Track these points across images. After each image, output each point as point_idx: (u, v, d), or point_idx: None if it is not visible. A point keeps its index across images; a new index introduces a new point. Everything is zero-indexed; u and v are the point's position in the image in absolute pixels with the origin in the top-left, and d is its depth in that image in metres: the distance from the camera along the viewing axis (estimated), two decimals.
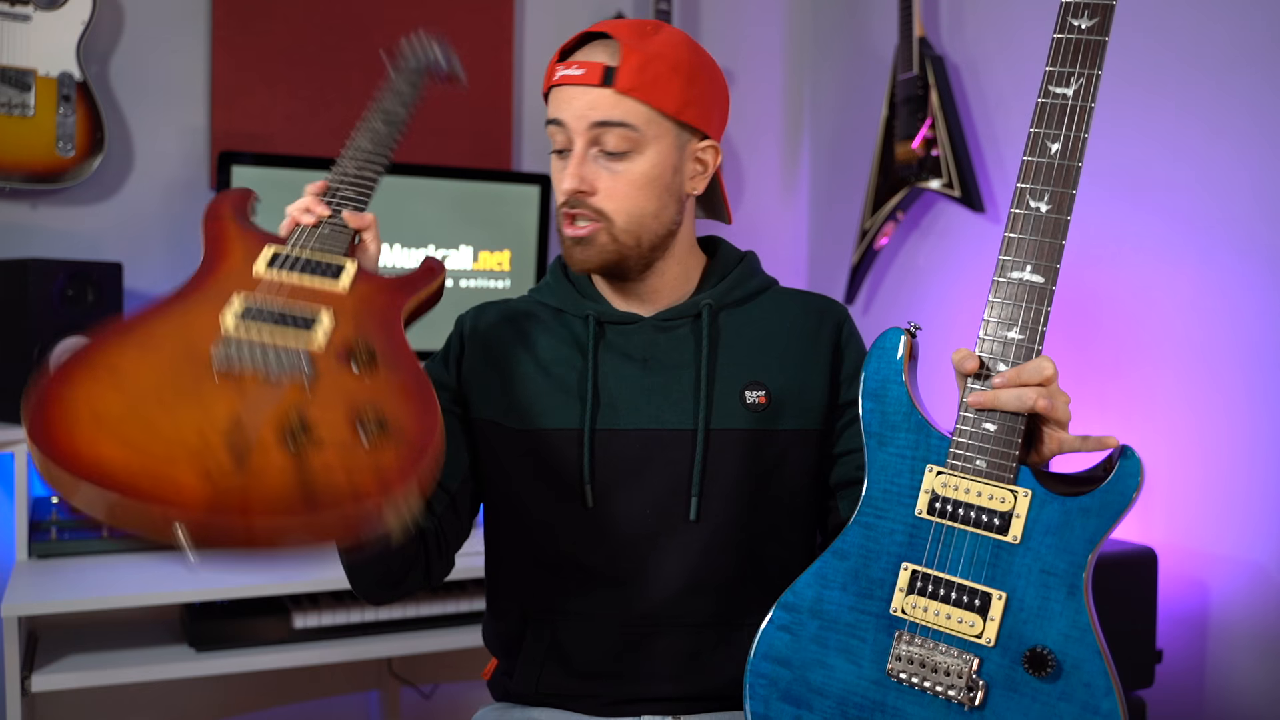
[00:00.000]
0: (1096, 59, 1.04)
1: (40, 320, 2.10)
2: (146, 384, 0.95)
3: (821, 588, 1.11)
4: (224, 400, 0.95)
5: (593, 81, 1.18)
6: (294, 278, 1.13)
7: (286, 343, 1.03)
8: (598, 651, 1.24)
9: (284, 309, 1.07)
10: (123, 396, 0.94)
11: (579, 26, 3.30)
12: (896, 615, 1.07)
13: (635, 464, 1.24)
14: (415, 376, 1.05)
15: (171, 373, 0.97)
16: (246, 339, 1.02)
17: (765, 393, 1.26)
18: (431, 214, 2.56)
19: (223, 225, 1.22)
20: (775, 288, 1.35)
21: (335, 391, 1.00)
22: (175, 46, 2.51)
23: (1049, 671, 0.99)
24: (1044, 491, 1.02)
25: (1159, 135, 2.08)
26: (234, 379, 0.97)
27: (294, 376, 0.99)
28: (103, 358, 0.97)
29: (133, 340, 1.01)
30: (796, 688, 1.10)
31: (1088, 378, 2.19)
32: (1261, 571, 1.90)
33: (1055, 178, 1.04)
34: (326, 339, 1.05)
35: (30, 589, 1.92)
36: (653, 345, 1.27)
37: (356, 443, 0.94)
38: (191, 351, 0.99)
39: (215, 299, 1.07)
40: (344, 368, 1.03)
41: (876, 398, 1.11)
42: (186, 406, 0.94)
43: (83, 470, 0.85)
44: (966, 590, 1.04)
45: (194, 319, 1.04)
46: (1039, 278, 1.05)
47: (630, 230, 1.22)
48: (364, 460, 0.93)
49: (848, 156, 2.98)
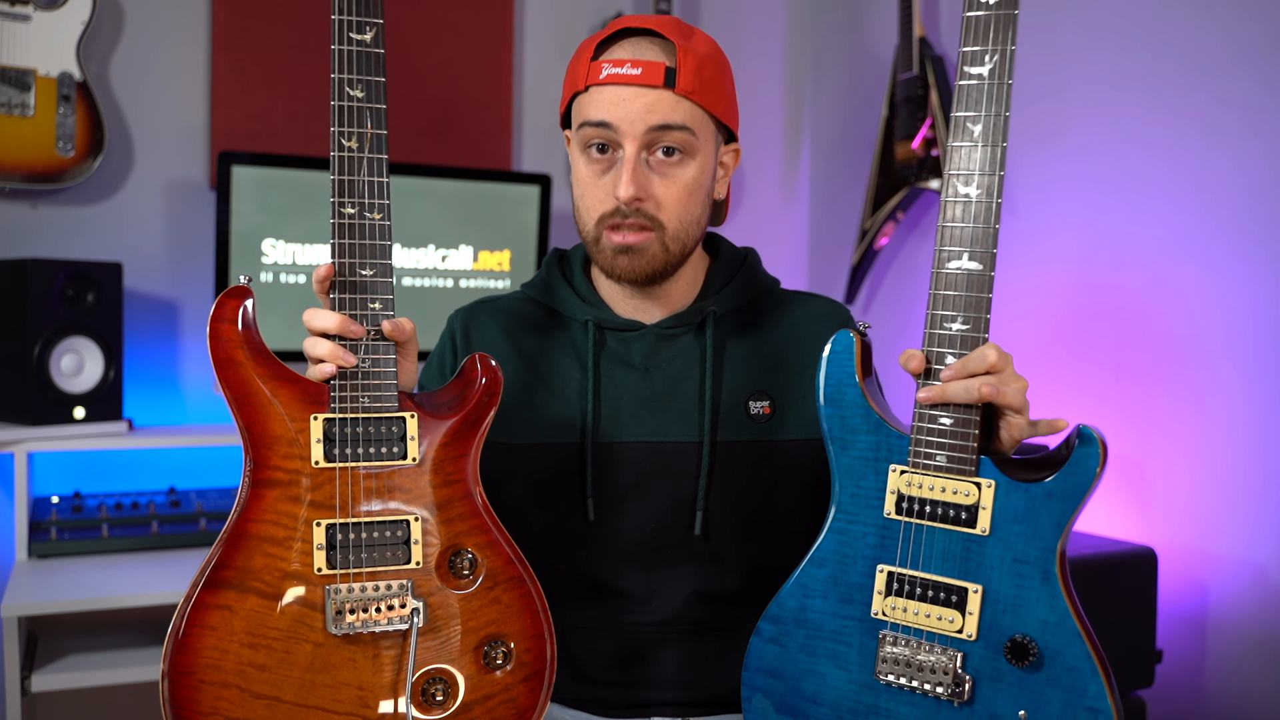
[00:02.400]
0: (1008, 34, 1.02)
1: (40, 320, 2.10)
2: (278, 679, 1.03)
3: (803, 597, 1.11)
4: (363, 674, 1.05)
5: (654, 82, 1.12)
6: (361, 465, 1.06)
7: (387, 574, 1.06)
8: (604, 660, 1.24)
9: (371, 528, 1.06)
10: (264, 703, 1.02)
11: (579, 27, 3.29)
12: (878, 618, 1.07)
13: (638, 477, 1.22)
14: (512, 567, 1.10)
15: (296, 653, 1.03)
16: (349, 592, 1.04)
17: (769, 402, 1.24)
18: (431, 214, 2.56)
19: (244, 376, 1.04)
20: (777, 289, 1.33)
21: (450, 622, 1.08)
22: (175, 46, 2.51)
23: (1032, 660, 1.00)
24: (1007, 480, 1.02)
25: (1157, 141, 2.08)
26: (355, 645, 1.05)
27: (409, 625, 1.05)
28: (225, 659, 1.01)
29: (237, 618, 1.02)
30: (791, 698, 1.10)
31: (1088, 379, 2.20)
32: (1261, 571, 1.90)
33: (981, 161, 1.03)
34: (423, 555, 1.07)
35: (30, 589, 1.92)
36: (655, 354, 1.24)
37: (490, 681, 1.08)
38: (302, 620, 1.04)
39: (292, 526, 1.04)
40: (448, 583, 1.08)
41: (834, 403, 1.11)
42: (325, 696, 1.04)
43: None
44: (942, 587, 1.04)
45: (287, 566, 1.04)
46: (977, 265, 1.03)
47: (678, 238, 1.18)
48: (502, 701, 1.08)
49: (848, 156, 2.98)
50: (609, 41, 1.17)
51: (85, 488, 2.38)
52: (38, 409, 2.10)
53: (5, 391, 2.18)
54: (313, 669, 1.03)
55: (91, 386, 2.18)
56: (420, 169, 2.55)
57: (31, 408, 2.10)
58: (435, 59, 2.75)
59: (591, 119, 1.15)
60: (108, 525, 2.18)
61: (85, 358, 2.17)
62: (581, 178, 1.18)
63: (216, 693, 1.00)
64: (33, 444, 2.10)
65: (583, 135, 1.17)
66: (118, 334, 2.21)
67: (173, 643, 1.00)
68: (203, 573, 1.01)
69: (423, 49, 2.73)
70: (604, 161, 1.16)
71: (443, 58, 2.76)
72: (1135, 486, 2.09)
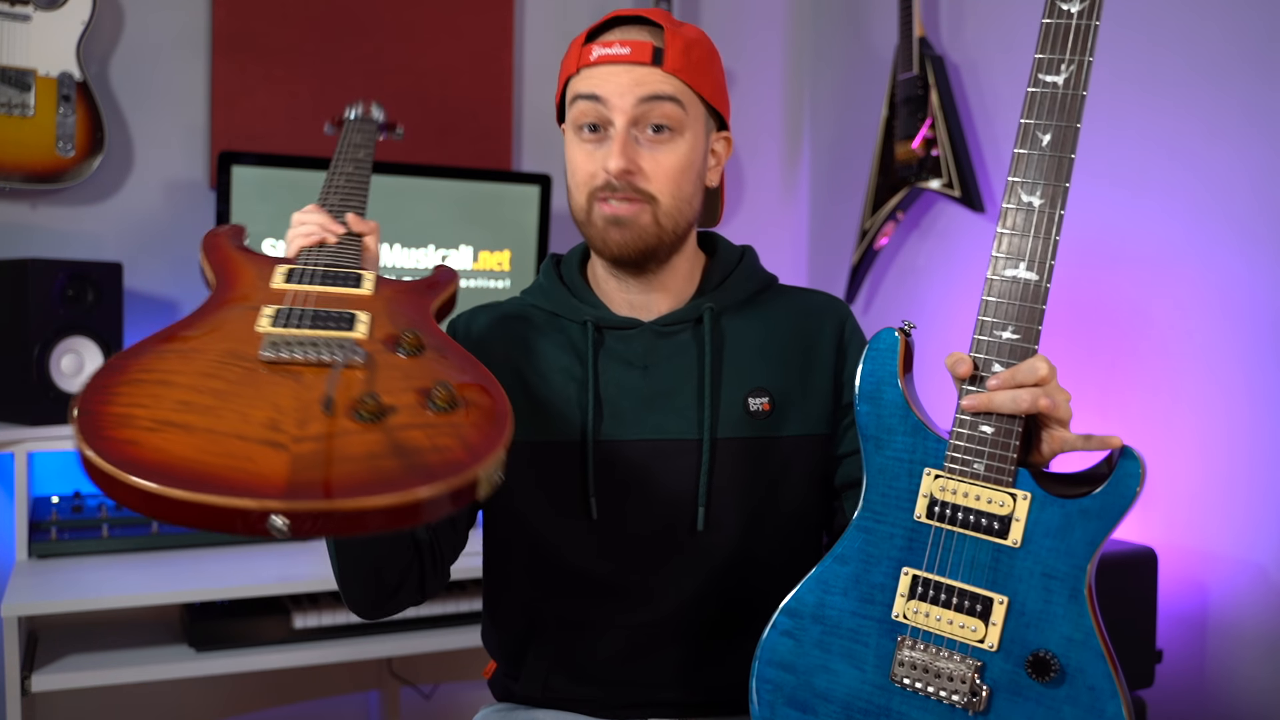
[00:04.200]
0: (1087, 45, 1.00)
1: (40, 320, 2.10)
2: (201, 386, 0.90)
3: (823, 593, 1.10)
4: (285, 388, 0.90)
5: (642, 60, 1.17)
6: (316, 288, 1.10)
7: (330, 335, 0.99)
8: (604, 659, 1.23)
9: (319, 312, 1.04)
10: (179, 398, 0.88)
11: (579, 27, 3.30)
12: (898, 620, 1.06)
13: (639, 474, 1.22)
14: (467, 359, 1.02)
15: (222, 372, 0.92)
16: (287, 335, 0.97)
17: (768, 399, 1.24)
18: (431, 214, 2.56)
19: (225, 251, 1.20)
20: (775, 285, 1.33)
21: (394, 374, 0.95)
22: (175, 46, 2.51)
23: (1052, 676, 0.98)
24: (1043, 494, 1.01)
25: (1158, 134, 2.08)
26: (288, 371, 0.93)
27: (349, 361, 0.95)
28: (146, 372, 0.91)
29: (170, 352, 0.95)
30: (801, 693, 1.09)
31: (1088, 377, 2.19)
32: (1262, 572, 1.90)
33: (1048, 170, 1.02)
34: (369, 333, 1.02)
35: (30, 589, 1.92)
36: (653, 351, 1.24)
37: (433, 415, 0.90)
38: (236, 352, 0.95)
39: (243, 311, 1.04)
40: (394, 355, 0.99)
41: (872, 400, 1.10)
42: (248, 399, 0.88)
43: (159, 477, 0.78)
44: (968, 595, 1.03)
45: (229, 328, 1.00)
46: (1033, 274, 1.02)
47: (670, 214, 1.19)
48: (446, 431, 0.88)
49: (848, 156, 2.98)
50: (600, 30, 1.22)
51: (85, 488, 2.38)
52: (38, 409, 2.10)
53: (5, 391, 2.18)
54: (239, 383, 0.91)
55: None
56: (420, 169, 2.55)
57: (31, 408, 2.10)
58: (435, 59, 2.75)
59: (582, 92, 1.19)
60: (108, 525, 2.18)
61: (85, 358, 2.17)
62: (573, 157, 1.22)
63: (133, 395, 0.88)
64: (33, 444, 2.10)
65: (575, 113, 1.20)
66: (118, 334, 2.21)
67: (100, 368, 0.91)
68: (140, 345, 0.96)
69: (423, 49, 2.73)
70: (595, 139, 1.19)
71: (443, 58, 2.76)
72: None
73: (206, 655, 2.03)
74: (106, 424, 0.83)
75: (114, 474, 0.78)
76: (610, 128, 1.18)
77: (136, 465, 0.79)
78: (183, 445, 0.82)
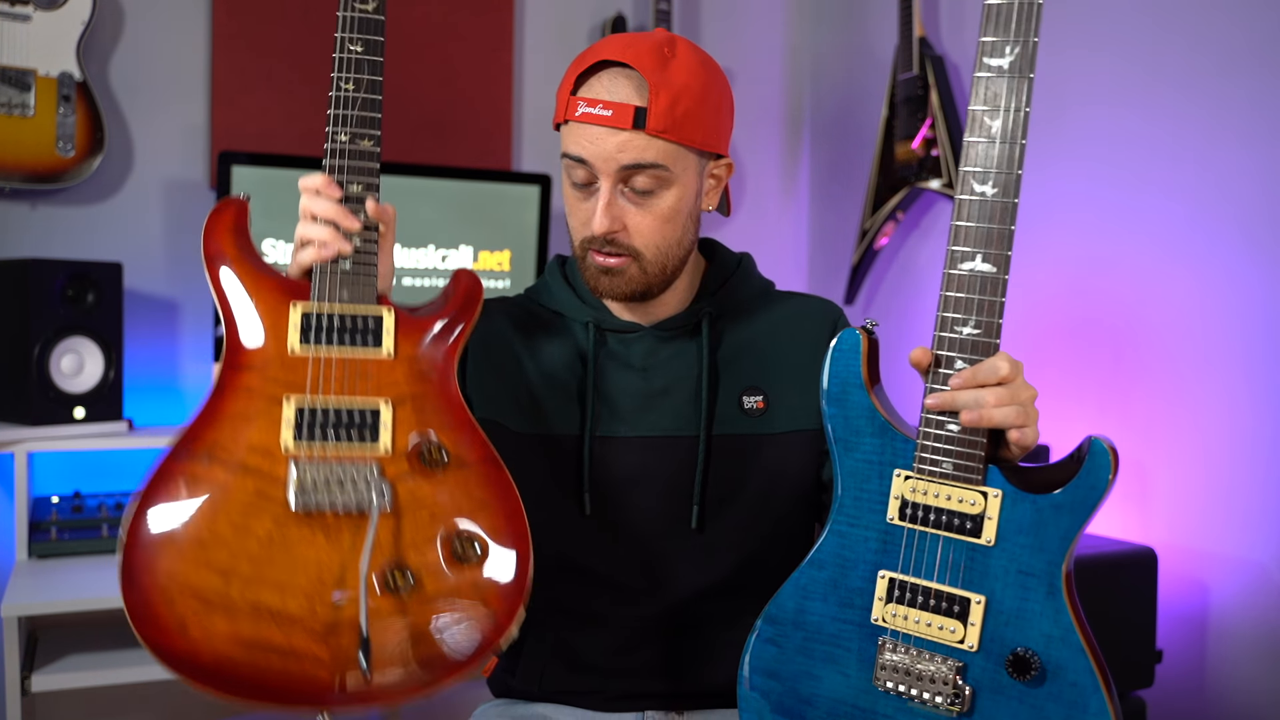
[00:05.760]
0: (1032, 25, 0.97)
1: (40, 320, 2.10)
2: (236, 547, 0.99)
3: (802, 599, 1.09)
4: (317, 549, 1.00)
5: (623, 125, 1.14)
6: (334, 351, 1.08)
7: (354, 457, 1.04)
8: (601, 651, 1.25)
9: (340, 411, 1.05)
10: (217, 569, 0.98)
11: (579, 26, 3.29)
12: (878, 624, 1.05)
13: (635, 471, 1.24)
14: (488, 464, 1.07)
15: (253, 525, 1.00)
16: (312, 464, 1.02)
17: (763, 397, 1.26)
18: (431, 214, 2.56)
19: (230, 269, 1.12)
20: (771, 290, 1.35)
21: (418, 510, 1.03)
22: (175, 46, 2.51)
23: (1033, 674, 0.97)
24: (1014, 491, 1.00)
25: (1160, 131, 2.08)
26: (317, 522, 1.01)
27: (377, 507, 1.01)
28: (184, 526, 0.99)
29: (203, 484, 1.01)
30: (788, 699, 1.09)
31: (1088, 377, 2.19)
32: (1262, 571, 1.90)
33: (999, 158, 0.99)
34: (393, 442, 1.05)
35: (30, 589, 1.92)
36: (653, 355, 1.27)
37: (456, 578, 1.01)
38: (265, 494, 1.01)
39: (264, 404, 1.05)
40: (419, 474, 1.05)
41: (839, 403, 1.08)
42: (283, 567, 0.99)
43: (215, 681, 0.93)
44: (945, 596, 1.02)
45: (253, 436, 1.03)
46: (990, 267, 1.00)
47: (657, 262, 1.21)
48: (472, 601, 1.01)
49: (848, 156, 2.98)
50: (587, 74, 1.18)
51: (85, 488, 2.38)
52: (38, 409, 2.10)
53: (5, 391, 2.18)
54: (271, 544, 0.99)
55: (91, 386, 2.18)
56: (420, 169, 2.55)
57: (31, 408, 2.10)
58: (435, 59, 2.75)
59: (570, 153, 1.18)
60: (108, 525, 2.18)
61: (85, 358, 2.17)
62: (567, 197, 1.23)
63: (174, 561, 0.97)
64: (33, 444, 2.10)
65: (565, 165, 1.21)
66: (118, 334, 2.21)
67: (133, 509, 0.98)
68: (171, 445, 1.01)
69: (423, 49, 2.73)
70: (584, 191, 1.20)
71: (443, 58, 2.76)
72: (1135, 486, 2.09)
73: None
74: (153, 602, 0.96)
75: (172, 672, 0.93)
76: (597, 182, 1.18)
77: (193, 665, 0.93)
78: (231, 640, 0.95)
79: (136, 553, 0.96)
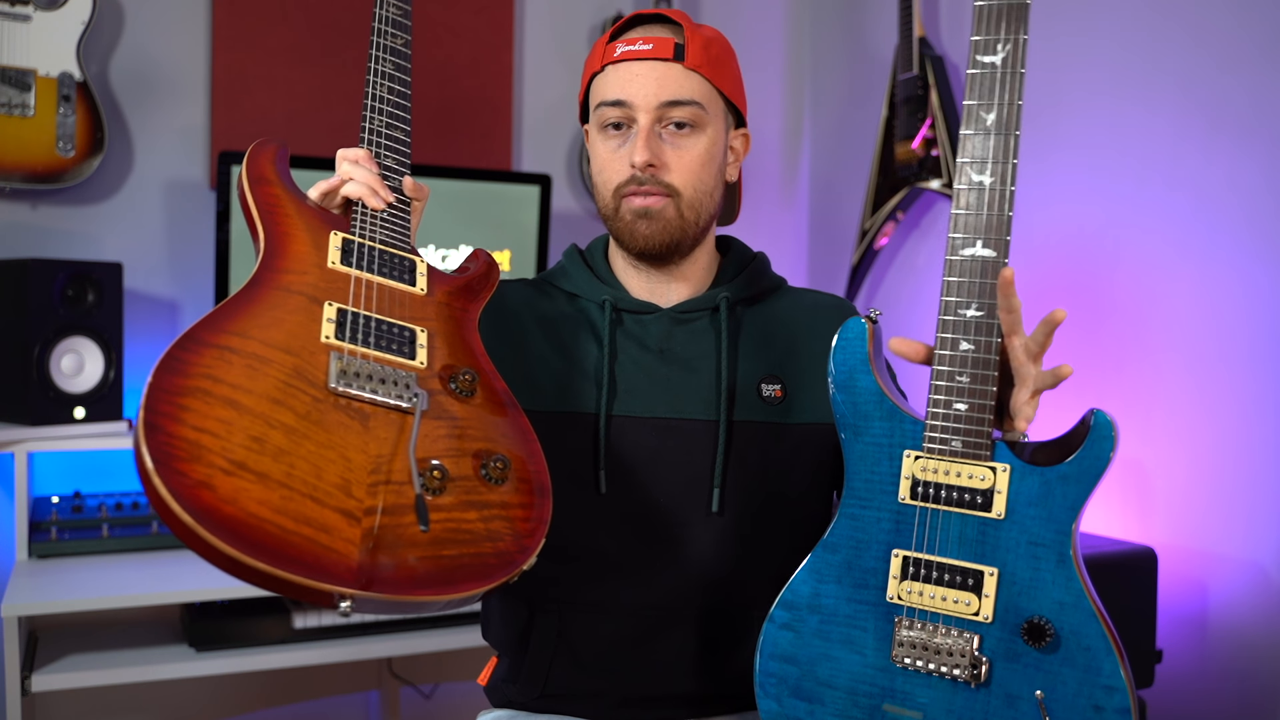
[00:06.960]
0: (1021, 23, 1.03)
1: (40, 320, 2.10)
2: (271, 416, 0.92)
3: (817, 583, 1.12)
4: (354, 436, 0.95)
5: (665, 55, 1.21)
6: (376, 279, 1.10)
7: (393, 363, 1.03)
8: (608, 644, 1.23)
9: (381, 322, 1.06)
10: (250, 432, 0.89)
11: (579, 27, 3.29)
12: (893, 602, 1.08)
13: (652, 452, 1.24)
14: (508, 401, 1.09)
15: (290, 400, 0.94)
16: (355, 360, 1.00)
17: (781, 386, 1.27)
18: (431, 214, 2.56)
19: (275, 195, 1.14)
20: (785, 287, 1.37)
21: (452, 428, 1.03)
22: (175, 46, 2.51)
23: (1048, 641, 1.01)
24: (1022, 464, 1.04)
25: (1162, 126, 2.07)
26: (355, 410, 0.98)
27: (412, 406, 1.00)
28: (211, 380, 0.90)
29: (233, 354, 0.94)
30: (806, 683, 1.11)
31: (1090, 375, 2.19)
32: (1262, 572, 1.90)
33: (994, 149, 1.04)
34: (428, 360, 1.06)
35: (30, 589, 1.92)
36: (670, 337, 1.27)
37: (487, 492, 1.00)
38: (304, 373, 0.97)
39: (304, 301, 1.03)
40: (449, 394, 1.05)
41: (846, 389, 1.12)
42: (319, 445, 0.93)
43: (237, 541, 0.82)
44: (958, 570, 1.05)
45: (290, 327, 1.00)
46: (990, 252, 1.05)
47: (693, 206, 1.24)
48: (499, 515, 0.99)
49: (848, 156, 2.98)
50: (623, 29, 1.27)
51: (85, 488, 2.38)
52: (38, 409, 2.10)
53: (5, 391, 2.18)
54: (308, 421, 0.93)
55: (91, 386, 2.18)
56: (420, 169, 2.55)
57: (31, 408, 2.10)
58: (435, 59, 2.75)
59: (608, 98, 1.23)
60: (108, 525, 2.18)
61: (85, 358, 2.17)
62: (599, 155, 1.26)
63: (202, 417, 0.87)
64: (33, 444, 2.10)
65: (600, 115, 1.25)
66: (118, 334, 2.21)
67: (161, 363, 0.89)
68: (197, 324, 0.95)
69: (423, 49, 2.73)
70: (620, 137, 1.24)
71: (443, 58, 2.76)
72: (1135, 486, 2.09)
73: (206, 655, 2.03)
74: (178, 452, 0.84)
75: (189, 523, 0.81)
76: (634, 125, 1.22)
77: (213, 519, 0.82)
78: (259, 502, 0.85)
79: (160, 403, 0.86)
